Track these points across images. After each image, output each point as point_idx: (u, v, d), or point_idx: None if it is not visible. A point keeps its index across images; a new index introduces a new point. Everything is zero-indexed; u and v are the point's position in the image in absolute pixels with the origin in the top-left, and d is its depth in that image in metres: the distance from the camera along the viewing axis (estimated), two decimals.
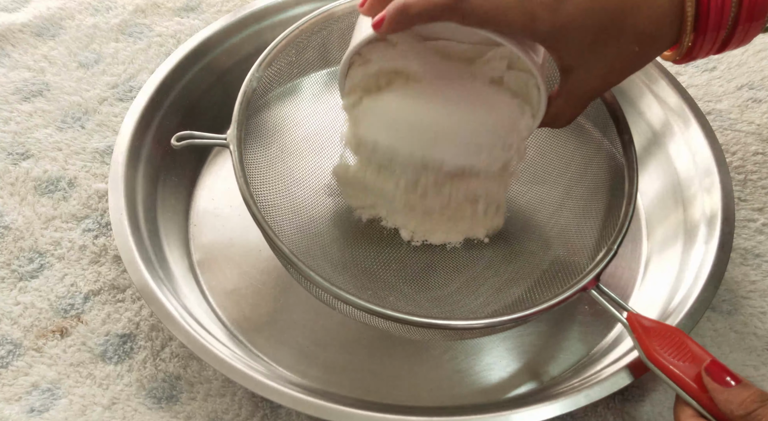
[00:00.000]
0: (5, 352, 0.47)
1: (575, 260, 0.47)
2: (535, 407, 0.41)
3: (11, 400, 0.45)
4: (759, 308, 0.50)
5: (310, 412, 0.41)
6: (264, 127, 0.52)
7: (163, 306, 0.45)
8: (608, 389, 0.42)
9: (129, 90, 0.62)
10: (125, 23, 0.67)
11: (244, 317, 0.50)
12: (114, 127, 0.59)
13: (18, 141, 0.58)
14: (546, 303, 0.42)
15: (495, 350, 0.49)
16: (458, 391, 0.47)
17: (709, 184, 0.51)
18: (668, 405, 0.45)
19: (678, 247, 0.51)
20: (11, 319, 0.49)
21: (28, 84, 0.62)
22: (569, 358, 0.48)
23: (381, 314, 0.41)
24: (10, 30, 0.65)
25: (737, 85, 0.63)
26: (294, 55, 0.51)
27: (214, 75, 0.59)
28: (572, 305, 0.50)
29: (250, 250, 0.53)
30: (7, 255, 0.52)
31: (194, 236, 0.54)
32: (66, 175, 0.56)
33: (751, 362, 0.47)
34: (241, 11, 0.60)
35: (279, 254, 0.44)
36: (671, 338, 0.40)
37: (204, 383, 0.46)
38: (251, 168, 0.48)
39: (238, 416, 0.45)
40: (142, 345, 0.48)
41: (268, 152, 0.52)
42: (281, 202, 0.52)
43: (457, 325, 0.42)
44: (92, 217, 0.54)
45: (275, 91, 0.52)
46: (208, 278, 0.52)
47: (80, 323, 0.49)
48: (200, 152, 0.58)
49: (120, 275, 0.51)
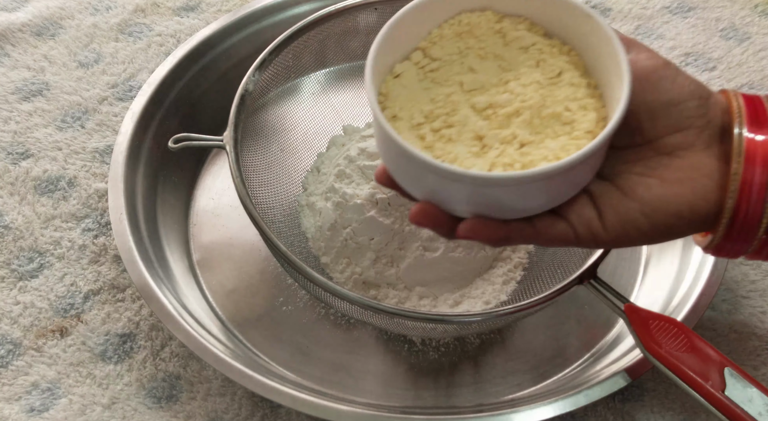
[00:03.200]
0: (5, 351, 0.47)
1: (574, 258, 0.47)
2: (535, 407, 0.41)
3: (11, 399, 0.45)
4: (759, 307, 0.50)
5: (310, 412, 0.41)
6: (261, 129, 0.52)
7: (162, 306, 0.45)
8: (608, 389, 0.42)
9: (129, 90, 0.62)
10: (125, 23, 0.67)
11: (243, 317, 0.50)
12: (114, 127, 0.59)
13: (18, 141, 0.58)
14: (544, 295, 0.42)
15: (495, 349, 0.49)
16: (458, 391, 0.47)
17: None
18: (668, 405, 0.45)
19: (678, 247, 0.51)
20: (11, 318, 0.49)
21: (27, 84, 0.62)
22: (569, 358, 0.48)
23: (378, 309, 0.41)
24: (9, 29, 0.65)
25: (737, 85, 0.63)
26: (291, 58, 0.51)
27: (213, 75, 0.59)
28: (572, 305, 0.50)
29: (250, 249, 0.53)
30: (6, 255, 0.52)
31: (194, 236, 0.54)
32: (66, 174, 0.56)
33: (751, 362, 0.47)
34: (241, 11, 0.60)
35: (276, 253, 0.44)
36: (669, 330, 0.40)
37: (204, 383, 0.46)
38: (248, 169, 0.48)
39: (238, 415, 0.45)
40: (142, 345, 0.48)
41: (265, 153, 0.52)
42: (279, 202, 0.52)
43: (454, 318, 0.42)
44: (92, 216, 0.54)
45: (272, 93, 0.52)
46: (207, 278, 0.52)
47: (80, 322, 0.49)
48: (200, 152, 0.58)
49: (120, 275, 0.51)
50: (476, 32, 0.37)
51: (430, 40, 0.37)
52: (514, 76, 0.36)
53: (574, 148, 0.33)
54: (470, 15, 0.37)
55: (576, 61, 0.36)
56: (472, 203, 0.33)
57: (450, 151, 0.34)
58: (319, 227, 0.50)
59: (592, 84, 0.35)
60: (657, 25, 0.68)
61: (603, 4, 0.70)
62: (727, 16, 0.68)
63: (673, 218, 0.34)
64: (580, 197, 0.34)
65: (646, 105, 0.34)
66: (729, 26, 0.67)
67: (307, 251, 0.51)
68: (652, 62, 0.34)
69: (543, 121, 0.34)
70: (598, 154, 0.33)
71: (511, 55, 0.36)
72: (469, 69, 0.36)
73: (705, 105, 0.34)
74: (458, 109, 0.35)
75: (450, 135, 0.34)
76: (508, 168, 0.33)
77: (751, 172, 0.33)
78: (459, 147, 0.34)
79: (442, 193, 0.34)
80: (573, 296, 0.44)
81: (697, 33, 0.67)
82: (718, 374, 0.38)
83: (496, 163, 0.33)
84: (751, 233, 0.34)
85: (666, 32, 0.67)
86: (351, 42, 0.53)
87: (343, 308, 0.46)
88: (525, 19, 0.37)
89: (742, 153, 0.33)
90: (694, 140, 0.34)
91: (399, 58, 0.37)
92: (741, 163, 0.33)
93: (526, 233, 0.34)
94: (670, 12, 0.69)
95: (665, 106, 0.34)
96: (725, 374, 0.38)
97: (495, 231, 0.34)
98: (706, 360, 0.38)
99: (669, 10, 0.69)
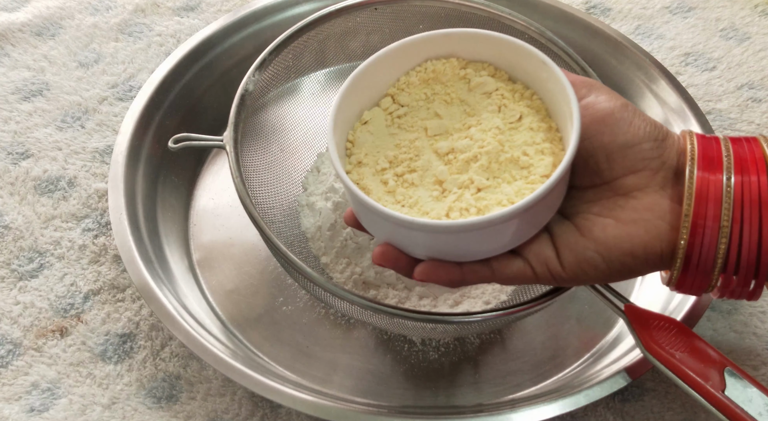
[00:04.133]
0: (5, 351, 0.47)
1: None
2: (535, 407, 0.41)
3: (11, 399, 0.45)
4: (759, 307, 0.50)
5: (310, 412, 0.41)
6: (261, 129, 0.52)
7: (162, 306, 0.45)
8: (608, 389, 0.42)
9: (129, 90, 0.62)
10: (125, 23, 0.67)
11: (243, 317, 0.50)
12: (114, 127, 0.59)
13: (18, 141, 0.58)
14: (544, 295, 0.42)
15: (495, 349, 0.49)
16: (458, 391, 0.47)
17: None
18: (668, 405, 0.45)
19: None
20: (11, 318, 0.49)
21: (27, 84, 0.62)
22: (569, 358, 0.48)
23: (378, 309, 0.41)
24: (9, 29, 0.65)
25: (737, 84, 0.63)
26: (291, 58, 0.51)
27: (213, 74, 0.59)
28: (572, 305, 0.50)
29: (250, 249, 0.53)
30: (6, 255, 0.52)
31: (194, 236, 0.54)
32: (66, 174, 0.56)
33: (751, 362, 0.47)
34: (241, 11, 0.60)
35: (276, 253, 0.44)
36: (669, 330, 0.40)
37: (204, 383, 0.46)
38: (248, 169, 0.48)
39: (238, 415, 0.45)
40: (142, 345, 0.48)
41: (265, 153, 0.52)
42: (279, 202, 0.52)
43: (454, 318, 0.42)
44: (92, 216, 0.54)
45: (272, 93, 0.52)
46: (207, 278, 0.52)
47: (80, 322, 0.49)
48: (200, 152, 0.58)
49: (120, 275, 0.51)
50: (442, 78, 0.39)
51: (398, 86, 0.39)
52: (476, 122, 0.37)
53: (529, 191, 0.34)
54: (436, 62, 0.39)
55: (538, 105, 0.37)
56: (428, 248, 0.35)
57: (411, 196, 0.35)
58: (319, 227, 0.50)
59: (553, 127, 0.36)
60: (657, 25, 0.68)
61: (603, 4, 0.70)
62: (727, 16, 0.68)
63: (628, 257, 0.34)
64: (539, 236, 0.35)
65: (603, 147, 0.35)
66: (729, 26, 0.67)
67: (307, 251, 0.51)
68: (610, 105, 0.35)
69: (501, 166, 0.35)
70: (545, 200, 0.33)
71: (475, 101, 0.38)
72: (434, 114, 0.38)
73: (660, 147, 0.35)
74: (421, 154, 0.37)
75: (412, 180, 0.36)
76: (465, 213, 0.34)
77: (702, 211, 0.33)
78: (420, 191, 0.36)
79: (399, 238, 0.35)
80: (573, 296, 0.44)
81: (697, 33, 0.67)
82: (718, 374, 0.38)
83: (453, 208, 0.34)
84: (707, 271, 0.34)
85: (666, 32, 0.67)
86: (351, 42, 0.53)
87: (343, 308, 0.46)
88: (489, 64, 0.39)
89: (692, 194, 0.34)
90: (648, 182, 0.35)
91: (368, 104, 0.39)
92: (691, 204, 0.34)
93: (482, 274, 0.35)
94: (670, 12, 0.69)
95: (621, 148, 0.35)
96: (725, 374, 0.38)
97: (449, 274, 0.35)
98: (706, 360, 0.38)
99: (669, 10, 0.69)
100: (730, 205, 0.33)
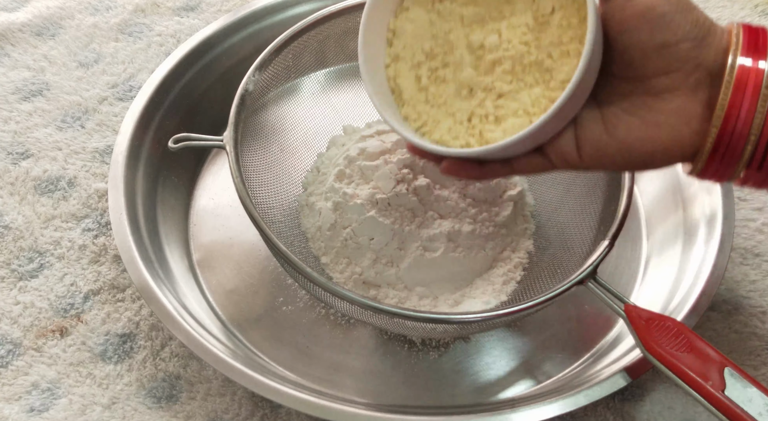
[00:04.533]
0: (5, 351, 0.47)
1: (574, 258, 0.47)
2: (535, 407, 0.41)
3: (11, 399, 0.45)
4: (759, 307, 0.50)
5: (310, 412, 0.41)
6: (261, 129, 0.52)
7: (162, 306, 0.45)
8: (608, 389, 0.42)
9: (129, 90, 0.62)
10: (125, 23, 0.67)
11: (243, 317, 0.50)
12: (114, 127, 0.59)
13: (18, 140, 0.58)
14: (544, 296, 0.42)
15: (494, 349, 0.49)
16: (458, 391, 0.47)
17: (709, 184, 0.51)
18: (668, 405, 0.45)
19: (678, 246, 0.51)
20: (11, 318, 0.49)
21: (27, 84, 0.62)
22: (569, 358, 0.48)
23: (378, 309, 0.41)
24: (9, 29, 0.65)
25: None
26: (291, 58, 0.51)
27: (213, 74, 0.59)
28: (572, 305, 0.50)
29: (250, 249, 0.53)
30: (6, 255, 0.52)
31: (194, 236, 0.54)
32: (66, 174, 0.56)
33: (751, 362, 0.47)
34: (241, 11, 0.60)
35: (276, 253, 0.44)
36: (670, 330, 0.40)
37: (204, 383, 0.46)
38: (248, 169, 0.48)
39: (238, 415, 0.45)
40: (142, 345, 0.48)
41: (265, 153, 0.52)
42: (279, 202, 0.52)
43: (454, 318, 0.42)
44: (92, 216, 0.54)
45: (272, 93, 0.52)
46: (207, 278, 0.52)
47: (80, 322, 0.49)
48: (200, 152, 0.58)
49: (120, 275, 0.51)
50: None
51: None
52: (510, 12, 0.38)
53: (546, 100, 0.36)
54: None
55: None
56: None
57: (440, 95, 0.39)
58: (318, 227, 0.50)
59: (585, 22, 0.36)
60: None
61: None
62: (727, 16, 0.68)
63: (647, 156, 0.35)
64: (563, 132, 0.36)
65: (640, 45, 0.34)
66: None
67: (307, 251, 0.51)
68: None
69: (524, 69, 0.37)
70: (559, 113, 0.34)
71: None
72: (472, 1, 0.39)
73: (699, 46, 0.34)
74: (455, 48, 0.38)
75: (444, 75, 0.38)
76: (483, 120, 0.37)
77: (738, 102, 0.33)
78: (450, 88, 0.38)
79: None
80: (573, 296, 0.44)
81: None
82: (718, 374, 0.38)
83: (475, 113, 0.38)
84: (732, 163, 0.34)
85: None
86: (351, 42, 0.53)
87: (343, 308, 0.46)
88: None
89: (732, 82, 0.33)
90: (680, 84, 0.34)
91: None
92: (728, 94, 0.33)
93: (501, 172, 0.38)
94: None
95: (657, 49, 0.34)
96: (725, 374, 0.38)
97: (469, 171, 0.38)
98: (706, 360, 0.38)
99: None
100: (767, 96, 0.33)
